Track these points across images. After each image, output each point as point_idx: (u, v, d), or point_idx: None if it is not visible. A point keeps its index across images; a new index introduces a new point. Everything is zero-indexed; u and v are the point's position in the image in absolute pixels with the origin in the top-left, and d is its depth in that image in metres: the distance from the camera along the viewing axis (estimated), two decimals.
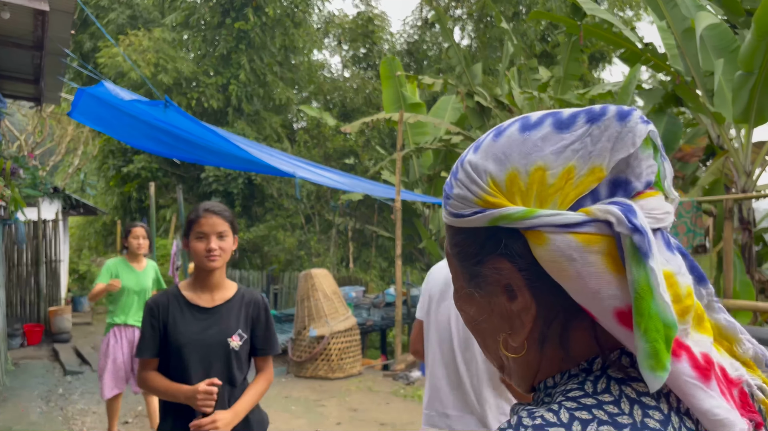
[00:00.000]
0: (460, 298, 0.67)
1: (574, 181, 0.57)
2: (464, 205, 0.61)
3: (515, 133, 0.60)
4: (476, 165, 0.60)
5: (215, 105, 13.48)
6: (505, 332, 0.62)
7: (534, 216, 0.55)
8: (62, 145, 15.29)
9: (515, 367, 0.64)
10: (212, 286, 2.25)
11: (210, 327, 2.20)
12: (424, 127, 11.70)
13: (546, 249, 0.55)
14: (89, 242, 16.72)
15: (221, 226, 2.19)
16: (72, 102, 6.58)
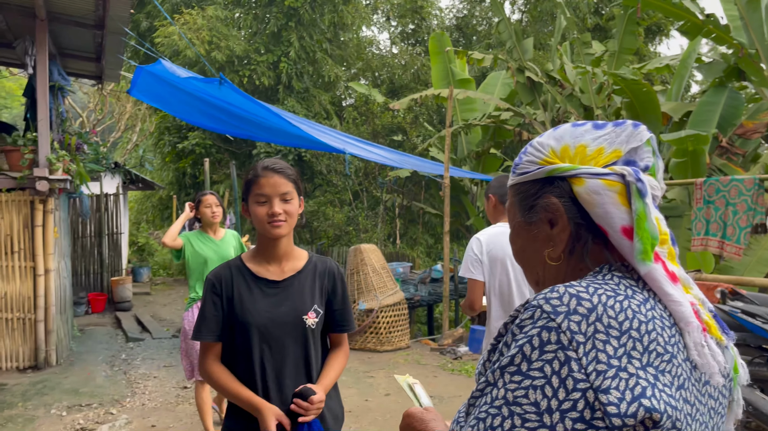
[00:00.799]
0: (515, 233, 1.00)
1: (602, 155, 0.92)
2: (531, 165, 0.96)
3: (568, 127, 0.96)
4: (542, 142, 0.97)
5: (266, 82, 13.66)
6: (548, 248, 0.94)
7: (578, 169, 0.90)
8: (121, 122, 15.82)
9: (549, 276, 0.96)
10: (280, 256, 1.96)
11: (282, 303, 1.92)
12: (473, 104, 11.60)
13: (583, 187, 0.89)
14: (147, 216, 17.34)
15: (284, 187, 1.89)
16: (131, 79, 6.82)
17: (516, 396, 0.77)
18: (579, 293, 0.81)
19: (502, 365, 0.81)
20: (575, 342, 0.76)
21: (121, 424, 4.66)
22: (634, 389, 0.75)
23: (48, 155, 5.91)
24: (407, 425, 1.14)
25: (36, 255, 6.01)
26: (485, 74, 14.54)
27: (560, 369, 0.75)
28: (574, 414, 0.74)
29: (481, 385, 0.84)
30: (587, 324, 0.77)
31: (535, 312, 0.80)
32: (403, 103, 10.43)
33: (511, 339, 0.82)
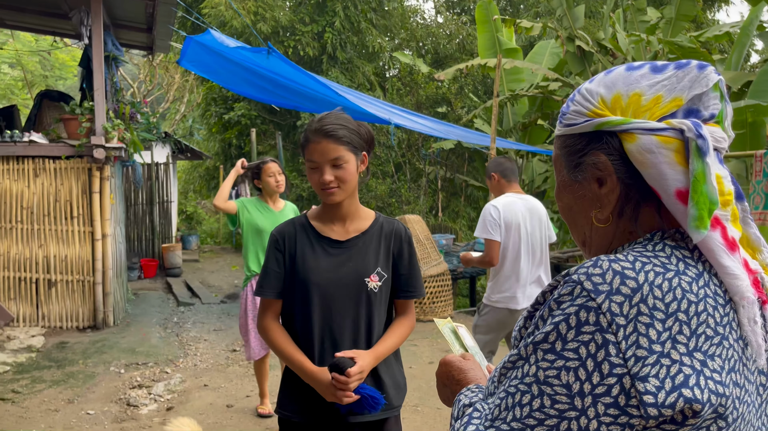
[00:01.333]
0: (561, 189, 0.93)
1: (660, 105, 0.81)
2: (578, 116, 0.86)
3: (622, 71, 0.85)
4: (591, 90, 0.86)
5: (311, 53, 13.67)
6: (596, 209, 0.87)
7: (630, 123, 0.81)
8: (170, 93, 16.13)
9: (596, 238, 0.90)
10: (343, 216, 1.89)
11: (344, 263, 1.85)
12: (520, 74, 11.36)
13: (634, 144, 0.80)
14: (194, 186, 17.74)
15: (334, 152, 1.75)
16: (181, 50, 6.93)
17: (547, 376, 0.74)
18: (624, 270, 0.75)
19: (536, 341, 0.77)
20: (615, 324, 0.72)
21: (176, 382, 4.87)
22: (676, 377, 0.71)
23: (104, 124, 6.09)
24: (445, 373, 1.10)
25: (94, 221, 6.25)
26: (533, 44, 14.21)
27: (596, 352, 0.72)
28: (607, 399, 0.71)
29: (513, 357, 0.81)
30: (630, 305, 0.72)
31: (575, 289, 0.75)
32: (449, 74, 10.30)
33: (547, 314, 0.78)
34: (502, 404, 0.78)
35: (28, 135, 6.18)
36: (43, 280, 6.25)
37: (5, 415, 4.15)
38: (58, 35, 9.30)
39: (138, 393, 4.60)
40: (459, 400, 0.96)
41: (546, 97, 10.31)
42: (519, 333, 0.87)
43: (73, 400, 4.46)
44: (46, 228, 6.22)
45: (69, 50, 15.31)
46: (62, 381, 4.85)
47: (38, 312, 6.27)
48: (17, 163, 6.14)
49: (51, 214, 6.22)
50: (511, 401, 0.77)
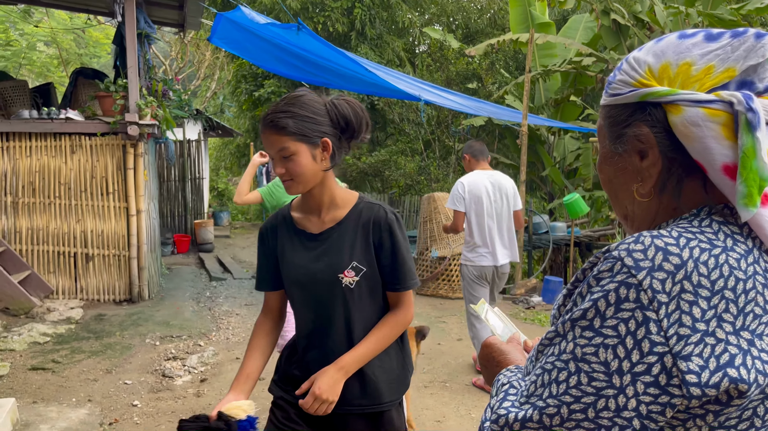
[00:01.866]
0: (603, 161, 0.90)
1: (711, 75, 0.77)
2: (623, 86, 0.82)
3: (673, 39, 0.81)
4: (638, 58, 0.82)
5: (340, 29, 13.60)
6: (637, 183, 0.84)
7: (676, 94, 0.77)
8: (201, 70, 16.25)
9: (639, 212, 0.87)
10: (318, 206, 1.74)
11: (319, 258, 1.71)
12: (553, 49, 11.14)
13: (680, 117, 0.76)
14: (225, 162, 17.94)
15: (278, 143, 1.61)
16: (211, 27, 6.95)
17: (585, 353, 0.73)
18: (667, 246, 0.72)
19: (574, 317, 0.75)
20: (656, 302, 0.70)
21: (209, 355, 4.98)
22: (721, 357, 0.69)
23: (137, 101, 6.18)
24: (486, 355, 1.09)
25: (128, 197, 6.38)
26: (566, 18, 13.88)
27: (636, 330, 0.70)
28: (647, 378, 0.70)
29: (550, 334, 0.80)
30: (673, 282, 0.70)
31: (615, 265, 0.73)
32: (480, 49, 10.14)
33: (586, 290, 0.76)
34: (538, 380, 0.78)
35: (65, 112, 6.31)
36: (81, 254, 6.43)
37: (46, 384, 4.32)
38: (91, 13, 9.42)
39: (173, 365, 4.73)
40: (498, 380, 0.96)
41: (579, 73, 10.09)
42: (558, 311, 0.86)
43: (110, 370, 4.61)
44: (83, 204, 6.38)
45: (102, 28, 15.50)
46: (100, 351, 5.01)
47: (76, 285, 6.46)
48: (54, 139, 6.28)
49: (87, 190, 6.37)
50: (547, 378, 0.76)
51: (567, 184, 10.75)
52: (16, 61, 14.48)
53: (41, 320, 5.68)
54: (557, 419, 0.74)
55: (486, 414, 0.86)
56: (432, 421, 3.88)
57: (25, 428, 3.52)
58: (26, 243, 6.32)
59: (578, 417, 0.73)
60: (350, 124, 1.67)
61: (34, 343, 5.10)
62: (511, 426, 0.79)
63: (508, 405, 0.82)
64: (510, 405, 0.81)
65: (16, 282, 5.70)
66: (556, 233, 9.20)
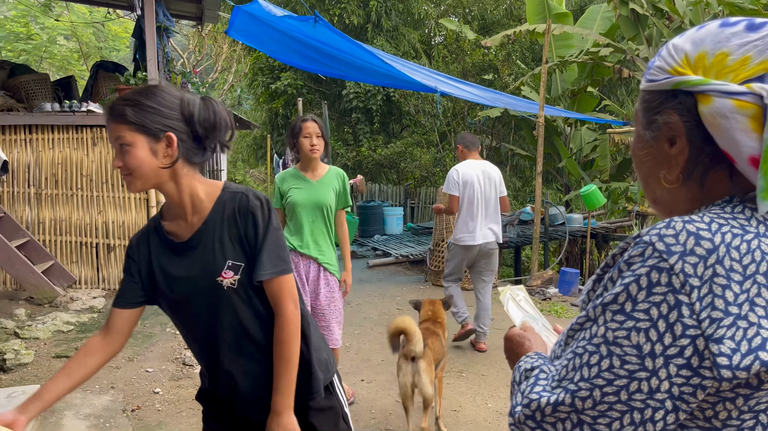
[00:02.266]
0: (636, 144, 0.91)
1: (746, 66, 0.77)
2: (660, 73, 0.84)
3: (714, 27, 0.81)
4: (677, 45, 0.83)
5: (356, 21, 13.60)
6: (665, 169, 0.85)
7: (708, 84, 0.77)
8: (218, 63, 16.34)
9: (667, 198, 0.88)
10: (182, 207, 1.56)
11: (194, 265, 1.55)
12: (570, 39, 11.06)
13: (709, 107, 0.77)
14: (242, 155, 18.07)
15: (115, 132, 1.47)
16: (229, 20, 7.01)
17: (617, 337, 0.74)
18: (699, 231, 0.74)
19: (605, 302, 0.76)
20: (688, 285, 0.71)
21: None
22: (753, 340, 0.70)
23: None
24: (508, 348, 1.10)
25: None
26: (584, 8, 13.75)
27: (668, 313, 0.72)
28: (679, 360, 0.71)
29: (581, 319, 0.80)
30: (705, 266, 0.72)
31: (646, 250, 0.75)
32: (496, 40, 10.11)
33: (617, 275, 0.77)
34: (569, 364, 0.79)
35: (86, 105, 6.41)
36: (103, 245, 6.54)
37: None
38: (111, 7, 9.52)
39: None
40: (519, 366, 0.96)
41: (596, 64, 10.01)
42: (587, 296, 0.86)
43: (132, 358, 4.70)
44: (105, 195, 6.49)
45: (121, 22, 15.64)
46: None
47: (98, 275, 6.58)
48: (76, 132, 6.39)
49: (108, 181, 6.47)
50: (578, 361, 0.77)
51: (583, 176, 10.69)
52: (38, 54, 14.68)
53: (64, 309, 5.80)
54: (589, 402, 0.75)
55: (516, 398, 0.86)
56: (448, 411, 3.92)
57: (50, 414, 3.61)
58: (49, 233, 6.45)
59: (611, 400, 0.74)
60: (203, 122, 1.52)
61: (58, 332, 5.22)
62: (543, 410, 0.80)
63: (540, 389, 0.82)
64: (541, 390, 0.82)
65: (40, 272, 5.82)
66: (572, 224, 9.17)
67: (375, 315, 6.24)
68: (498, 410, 3.93)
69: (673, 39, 0.85)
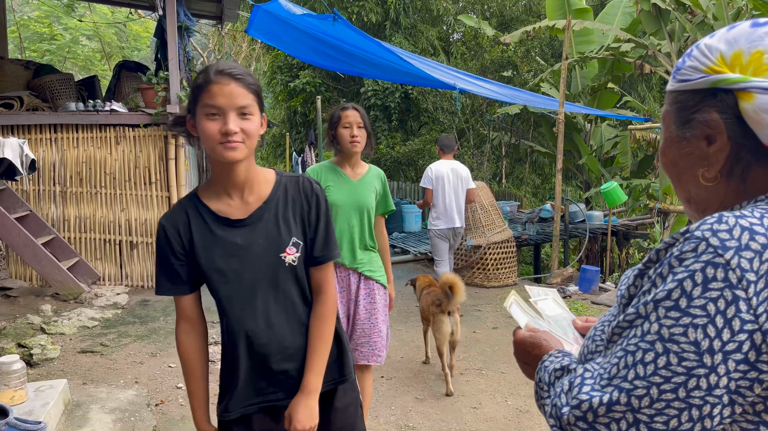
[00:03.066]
0: (667, 145, 0.92)
1: None
2: (694, 72, 0.85)
3: (746, 27, 0.83)
4: (710, 45, 0.84)
5: (374, 19, 13.61)
6: (703, 167, 0.86)
7: (749, 81, 0.79)
8: (238, 61, 16.47)
9: (705, 196, 0.88)
10: (241, 185, 1.58)
11: (252, 243, 1.57)
12: (590, 35, 10.96)
13: (752, 103, 0.78)
14: (260, 152, 18.19)
15: (243, 98, 1.48)
16: (249, 18, 7.06)
17: (673, 333, 0.73)
18: (752, 226, 0.74)
19: (657, 298, 0.76)
20: (745, 280, 0.71)
21: None
22: None
23: (178, 93, 6.33)
24: (521, 351, 1.08)
25: (170, 186, 6.55)
26: (604, 3, 13.61)
27: (726, 309, 0.71)
28: (738, 355, 0.71)
29: (629, 317, 0.79)
30: (760, 261, 0.72)
31: (699, 245, 0.75)
32: (515, 36, 10.06)
33: (667, 271, 0.77)
34: (620, 362, 0.77)
35: (109, 104, 6.51)
36: (126, 242, 6.64)
37: (95, 366, 4.50)
38: (133, 7, 9.64)
39: (214, 349, 4.87)
40: (545, 367, 0.95)
41: (617, 60, 9.92)
42: (627, 291, 0.86)
43: (156, 354, 4.77)
44: (127, 193, 6.58)
45: (141, 22, 15.82)
46: (146, 336, 5.19)
47: (122, 272, 6.69)
48: (100, 131, 6.49)
49: (131, 180, 6.57)
50: (631, 359, 0.76)
51: (604, 173, 10.60)
52: (61, 54, 14.91)
53: (89, 305, 5.90)
54: (646, 400, 0.74)
55: (559, 399, 0.84)
56: (468, 407, 3.92)
57: (76, 408, 3.68)
58: (74, 231, 6.57)
59: (668, 397, 0.73)
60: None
61: (83, 327, 5.31)
62: (596, 411, 0.78)
63: (588, 389, 0.80)
64: (590, 390, 0.80)
65: (66, 269, 5.93)
66: (592, 222, 9.10)
67: (394, 313, 6.25)
68: (518, 407, 3.92)
69: (702, 40, 0.86)
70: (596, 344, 0.96)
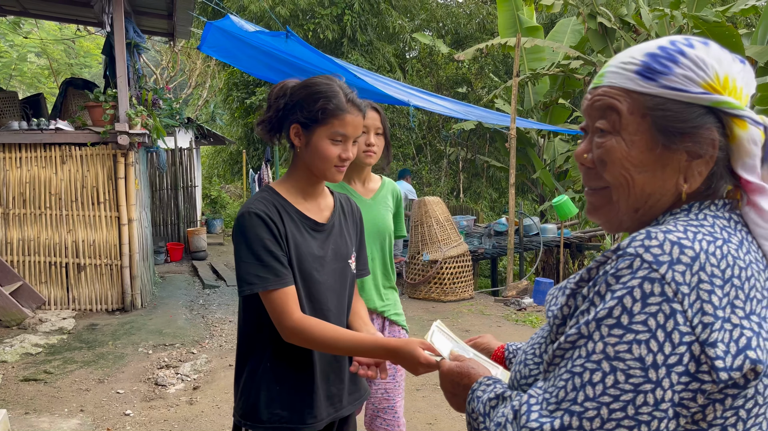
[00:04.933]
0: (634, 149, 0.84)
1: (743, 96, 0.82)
2: (690, 84, 0.81)
3: (719, 48, 0.83)
4: (704, 60, 0.81)
5: (330, 36, 13.66)
6: (677, 178, 0.83)
7: (744, 110, 0.80)
8: (192, 78, 16.28)
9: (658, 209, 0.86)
10: (319, 192, 1.70)
11: (328, 247, 1.66)
12: (541, 52, 11.23)
13: (745, 132, 0.80)
14: (218, 170, 17.95)
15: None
16: (201, 35, 6.99)
17: (618, 351, 0.73)
18: (680, 240, 0.75)
19: (599, 317, 0.75)
20: (680, 293, 0.72)
21: (202, 363, 5.00)
22: (739, 341, 0.72)
23: (127, 110, 6.20)
24: (449, 382, 1.05)
25: (119, 206, 6.39)
26: (554, 22, 13.99)
27: (666, 322, 0.72)
28: (679, 368, 0.72)
29: (571, 337, 0.78)
30: (691, 274, 0.73)
31: (634, 261, 0.75)
32: (469, 54, 10.22)
33: (605, 289, 0.76)
34: (568, 385, 0.76)
35: (55, 123, 6.32)
36: (73, 264, 6.43)
37: (38, 395, 4.32)
38: (81, 23, 9.44)
39: (165, 373, 4.74)
40: (477, 397, 0.93)
41: (567, 76, 10.18)
42: (560, 311, 0.85)
43: (103, 380, 4.61)
44: (74, 214, 6.38)
45: (93, 38, 15.50)
46: (93, 361, 5.02)
47: (68, 295, 6.46)
48: (45, 150, 6.29)
49: (78, 200, 6.37)
50: (579, 381, 0.75)
51: (557, 186, 10.81)
52: (7, 72, 14.47)
53: (33, 331, 5.68)
54: (597, 421, 0.73)
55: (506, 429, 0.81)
56: (423, 424, 3.90)
57: None
58: (18, 254, 6.32)
59: (618, 416, 0.72)
60: None
61: (27, 354, 5.10)
62: None
63: (536, 416, 0.78)
64: (538, 416, 0.78)
65: (8, 294, 5.69)
66: (546, 235, 9.25)
67: None
68: None
69: (685, 48, 0.82)
70: (529, 368, 0.94)
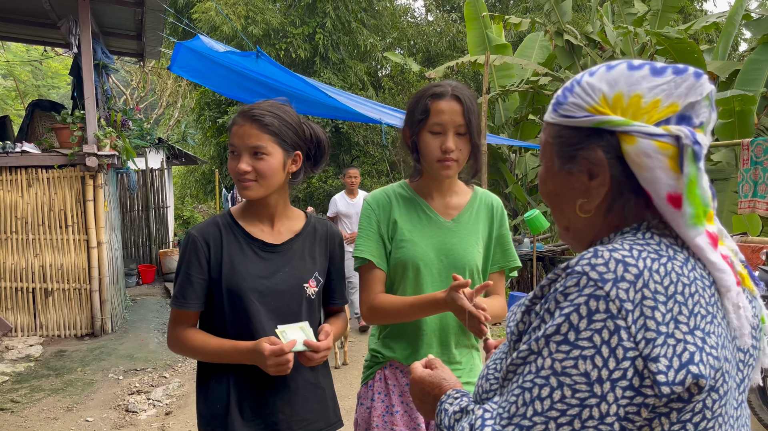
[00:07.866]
0: (549, 176, 0.94)
1: (658, 109, 0.82)
2: (577, 109, 0.87)
3: (624, 69, 0.85)
4: (593, 85, 0.86)
5: (303, 55, 13.70)
6: (582, 199, 0.89)
7: (631, 125, 0.82)
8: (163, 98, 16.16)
9: (581, 226, 0.92)
10: (271, 215, 1.69)
11: (279, 268, 1.66)
12: (510, 69, 11.40)
13: (633, 147, 0.82)
14: (190, 190, 17.77)
15: (255, 139, 1.56)
16: (171, 56, 6.96)
17: (564, 367, 0.75)
18: (624, 258, 0.78)
19: (547, 334, 0.78)
20: (624, 310, 0.74)
21: (174, 387, 4.90)
22: (682, 356, 0.74)
23: (96, 132, 6.12)
24: (420, 391, 1.07)
25: (88, 229, 6.28)
26: (522, 38, 14.25)
27: (610, 339, 0.74)
28: (623, 382, 0.74)
29: (522, 353, 0.81)
30: (635, 291, 0.75)
31: (581, 280, 0.77)
32: (439, 71, 10.34)
33: (554, 306, 0.79)
34: (518, 400, 0.78)
35: (21, 145, 6.21)
36: (40, 289, 6.28)
37: (4, 425, 4.19)
38: (48, 45, 9.33)
39: (137, 399, 4.64)
40: (444, 410, 0.95)
41: (536, 92, 10.35)
42: (516, 327, 0.87)
43: (72, 408, 4.50)
44: (41, 238, 6.25)
45: (61, 59, 15.33)
46: (61, 389, 4.89)
47: (36, 322, 6.31)
48: (10, 173, 6.17)
49: (45, 223, 6.25)
50: (528, 396, 0.77)
51: (530, 200, 10.93)
52: None
53: (0, 359, 5.52)
54: None
55: None
56: None
57: None
58: None
59: (565, 430, 0.75)
60: (320, 145, 1.74)
61: None
62: None
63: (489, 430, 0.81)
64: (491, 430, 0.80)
65: None
66: (520, 249, 9.32)
67: None
68: None
69: (582, 76, 0.88)
70: (490, 383, 0.96)
